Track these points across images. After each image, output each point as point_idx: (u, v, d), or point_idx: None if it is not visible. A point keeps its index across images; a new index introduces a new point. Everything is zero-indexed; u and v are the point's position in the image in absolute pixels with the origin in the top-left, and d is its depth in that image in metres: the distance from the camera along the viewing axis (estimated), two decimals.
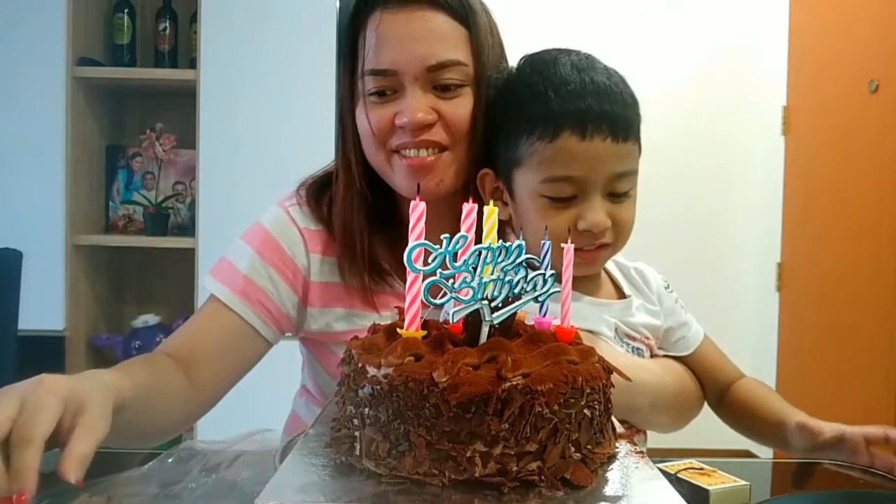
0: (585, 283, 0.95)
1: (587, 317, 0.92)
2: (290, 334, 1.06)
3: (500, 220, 0.96)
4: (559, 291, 0.61)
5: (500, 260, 0.55)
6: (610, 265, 1.02)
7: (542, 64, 0.91)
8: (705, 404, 1.05)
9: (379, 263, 1.00)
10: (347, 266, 1.00)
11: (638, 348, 0.97)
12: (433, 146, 0.94)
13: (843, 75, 2.83)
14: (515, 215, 0.93)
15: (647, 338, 0.98)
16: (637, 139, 0.89)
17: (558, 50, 0.93)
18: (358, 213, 1.00)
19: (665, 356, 1.01)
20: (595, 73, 0.88)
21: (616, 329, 0.95)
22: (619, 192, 0.88)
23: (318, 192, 1.07)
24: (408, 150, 0.95)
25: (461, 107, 0.94)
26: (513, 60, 0.98)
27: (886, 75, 2.58)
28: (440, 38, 0.93)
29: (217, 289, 1.01)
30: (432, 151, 0.95)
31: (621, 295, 0.99)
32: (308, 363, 1.13)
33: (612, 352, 0.91)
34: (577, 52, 0.92)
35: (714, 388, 1.04)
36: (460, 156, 0.96)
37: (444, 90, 0.94)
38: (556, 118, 0.85)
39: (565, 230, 0.83)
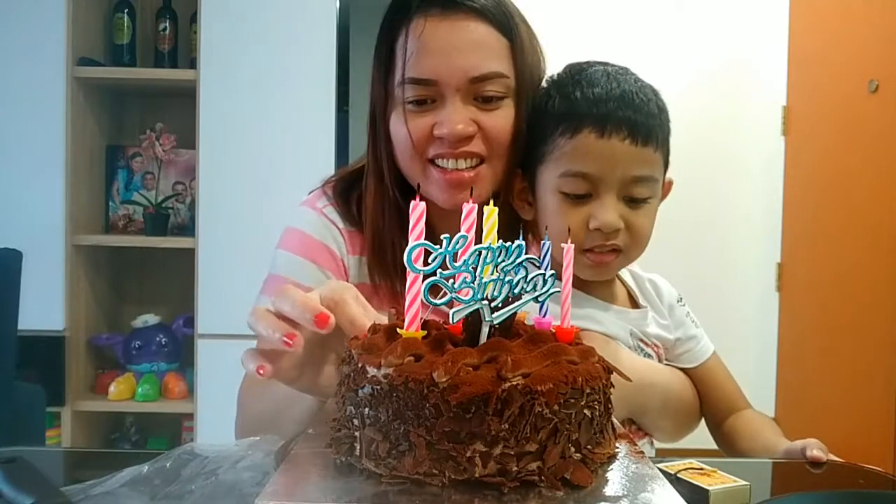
0: (602, 289, 0.96)
1: (604, 321, 0.93)
2: None
3: (525, 221, 0.97)
4: (559, 291, 0.61)
5: (500, 260, 0.55)
6: (625, 275, 1.03)
7: (577, 69, 0.94)
8: (703, 422, 1.06)
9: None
10: (378, 270, 0.99)
11: (649, 354, 0.98)
12: (471, 157, 0.93)
13: (843, 75, 2.84)
14: (537, 214, 0.94)
15: (657, 346, 1.00)
16: (660, 149, 0.89)
17: (599, 62, 0.95)
18: (390, 220, 0.98)
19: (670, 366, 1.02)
20: (625, 82, 0.89)
21: (631, 334, 0.96)
22: (636, 196, 0.88)
23: (346, 192, 1.05)
24: (445, 161, 0.93)
25: (501, 119, 0.93)
26: None
27: (886, 75, 2.58)
28: (483, 48, 0.92)
29: None
30: (470, 163, 0.94)
31: (636, 305, 1.01)
32: None
33: (625, 354, 0.92)
34: (615, 65, 0.94)
35: (716, 410, 1.03)
36: (497, 169, 0.95)
37: (485, 102, 0.93)
38: (579, 115, 0.87)
39: (578, 228, 0.85)
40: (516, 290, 0.56)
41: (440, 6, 0.92)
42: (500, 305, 0.55)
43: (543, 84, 0.97)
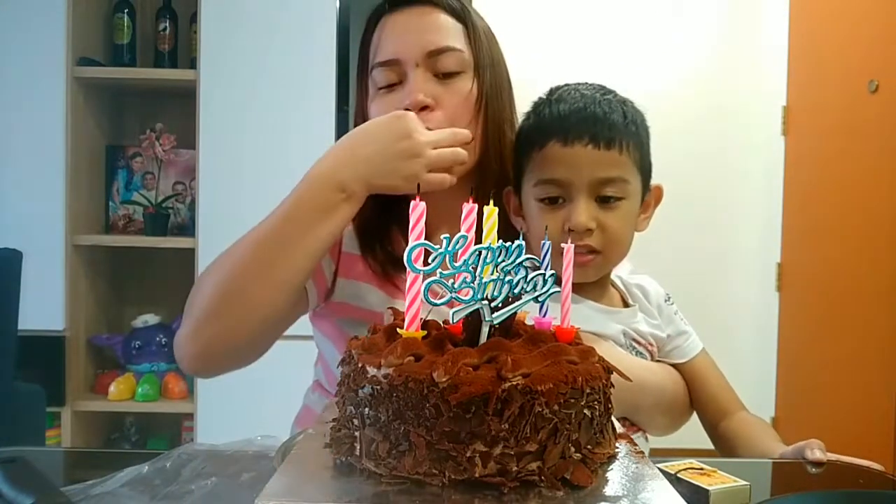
0: (594, 291, 1.00)
1: (594, 320, 0.97)
2: (318, 307, 1.07)
3: (523, 235, 0.99)
4: (559, 291, 0.61)
5: (500, 260, 0.55)
6: (615, 280, 1.06)
7: (553, 90, 1.01)
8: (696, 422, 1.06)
9: (398, 257, 1.02)
10: (371, 260, 1.04)
11: (641, 353, 1.01)
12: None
13: (843, 75, 2.84)
14: (526, 225, 1.00)
15: (651, 344, 1.02)
16: (626, 152, 0.94)
17: (579, 83, 1.01)
18: (373, 210, 1.01)
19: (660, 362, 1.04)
20: (591, 98, 0.96)
21: (624, 333, 0.99)
22: (606, 195, 0.93)
23: None
24: None
25: (459, 92, 1.00)
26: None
27: (886, 75, 2.58)
28: (438, 28, 1.01)
29: None
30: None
31: (626, 305, 1.04)
32: (323, 356, 1.14)
33: (617, 353, 0.95)
34: (591, 84, 1.01)
35: (708, 409, 1.05)
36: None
37: (445, 77, 1.00)
38: (547, 129, 0.96)
39: (555, 230, 0.92)
40: (516, 290, 0.56)
41: (405, 3, 1.03)
42: (500, 305, 0.55)
43: (528, 108, 1.04)
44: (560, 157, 0.93)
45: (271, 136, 2.33)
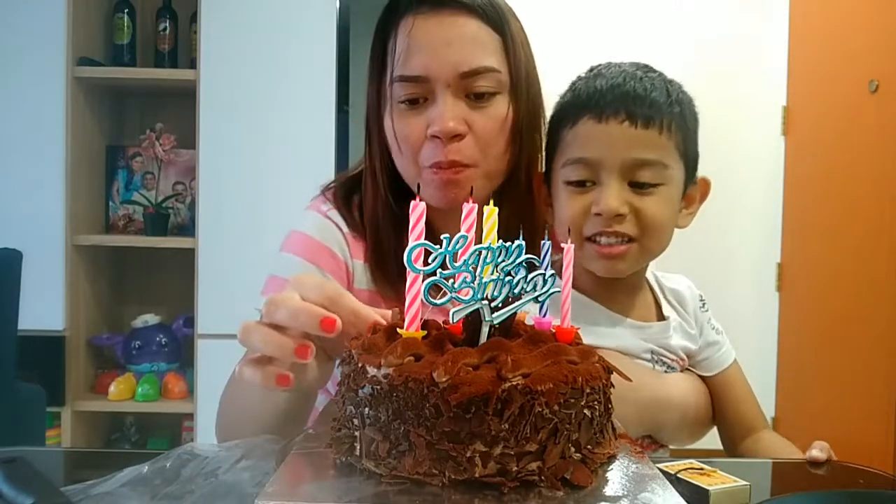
0: (621, 298, 0.92)
1: (611, 336, 0.90)
2: None
3: (549, 225, 0.95)
4: (559, 291, 0.61)
5: (500, 260, 0.55)
6: (651, 279, 0.99)
7: (593, 68, 0.93)
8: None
9: None
10: (379, 275, 0.98)
11: (672, 368, 0.96)
12: (461, 164, 0.91)
13: (843, 75, 2.84)
14: (552, 214, 0.92)
15: (682, 359, 0.96)
16: (668, 133, 0.86)
17: (625, 62, 0.93)
18: (385, 222, 0.97)
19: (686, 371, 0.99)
20: (631, 74, 0.88)
21: (651, 352, 0.93)
22: (641, 181, 0.85)
23: (347, 197, 1.03)
24: (439, 168, 0.91)
25: (493, 117, 0.91)
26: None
27: (886, 75, 2.58)
28: (474, 43, 0.90)
29: None
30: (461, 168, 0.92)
31: (660, 315, 0.97)
32: None
33: (640, 371, 0.89)
34: (639, 63, 0.92)
35: (732, 425, 0.99)
36: (492, 166, 0.93)
37: (476, 98, 0.91)
38: (580, 105, 0.87)
39: (581, 214, 0.84)
40: (516, 290, 0.56)
41: (430, 3, 0.91)
42: (500, 305, 0.55)
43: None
44: (593, 134, 0.85)
45: (271, 135, 2.33)
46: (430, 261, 0.53)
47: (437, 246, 0.53)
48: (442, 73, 0.89)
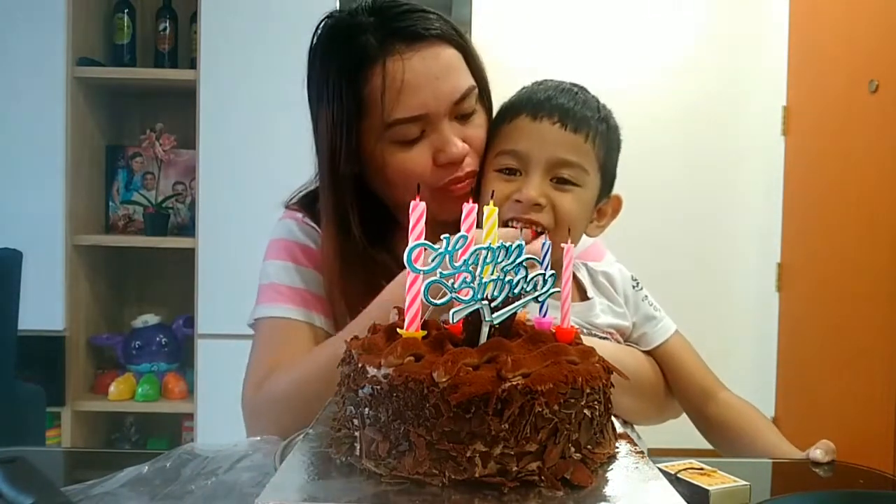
0: None
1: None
2: None
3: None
4: (559, 291, 0.61)
5: (500, 260, 0.55)
6: (579, 269, 1.06)
7: (539, 81, 1.02)
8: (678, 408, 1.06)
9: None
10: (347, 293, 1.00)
11: (604, 338, 1.00)
12: (472, 175, 0.99)
13: (843, 75, 2.83)
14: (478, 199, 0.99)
15: (612, 333, 1.01)
16: (591, 143, 0.95)
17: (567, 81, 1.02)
18: (349, 270, 0.99)
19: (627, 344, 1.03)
20: (568, 89, 0.98)
21: (578, 327, 0.96)
22: (562, 177, 0.94)
23: (310, 207, 1.08)
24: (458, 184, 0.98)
25: (479, 127, 0.99)
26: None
27: (886, 75, 2.58)
28: (455, 70, 0.97)
29: (276, 311, 1.00)
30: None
31: (584, 297, 1.03)
32: None
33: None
34: (579, 84, 1.01)
35: (687, 393, 1.04)
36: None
37: (463, 118, 0.98)
38: (520, 105, 0.97)
39: (503, 200, 0.92)
40: (516, 290, 0.56)
41: (402, 41, 0.93)
42: (500, 305, 0.55)
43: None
44: (526, 129, 0.95)
45: (271, 135, 2.33)
46: (430, 261, 0.53)
47: (437, 247, 0.53)
48: (440, 106, 0.94)
